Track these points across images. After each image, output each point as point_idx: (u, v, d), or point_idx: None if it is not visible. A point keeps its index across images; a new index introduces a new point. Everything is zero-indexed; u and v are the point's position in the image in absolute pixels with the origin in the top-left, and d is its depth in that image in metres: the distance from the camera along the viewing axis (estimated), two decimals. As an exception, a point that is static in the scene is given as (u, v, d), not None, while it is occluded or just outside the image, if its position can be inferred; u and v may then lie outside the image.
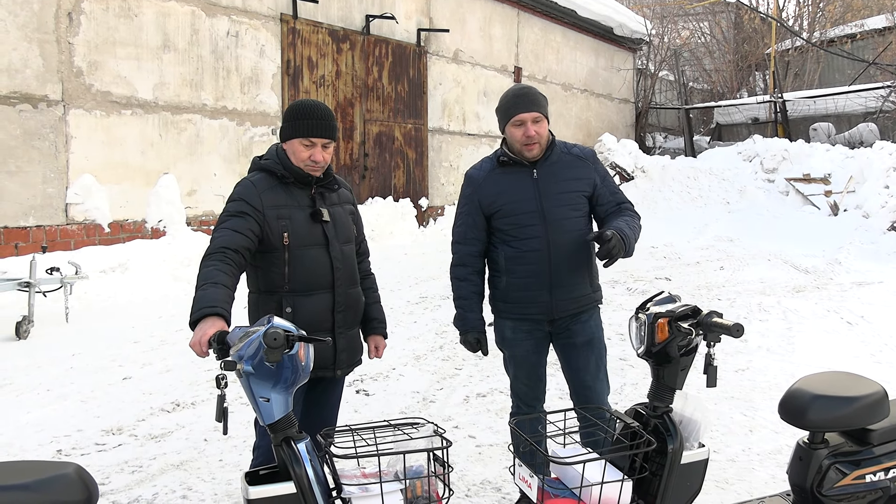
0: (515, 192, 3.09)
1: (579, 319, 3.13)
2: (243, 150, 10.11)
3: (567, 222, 3.07)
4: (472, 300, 3.20)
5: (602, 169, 3.24)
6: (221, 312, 2.28)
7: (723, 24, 25.33)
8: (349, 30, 11.89)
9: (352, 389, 5.04)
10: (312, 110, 2.77)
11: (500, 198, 3.10)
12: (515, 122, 3.05)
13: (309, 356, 2.01)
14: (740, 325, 2.15)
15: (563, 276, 3.06)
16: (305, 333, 2.02)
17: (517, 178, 3.10)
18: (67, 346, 6.01)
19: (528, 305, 3.10)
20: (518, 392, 3.25)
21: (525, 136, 3.02)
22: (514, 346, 3.19)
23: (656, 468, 2.29)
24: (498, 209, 3.11)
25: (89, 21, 8.40)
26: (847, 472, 2.44)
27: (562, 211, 3.06)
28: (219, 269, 2.46)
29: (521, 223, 3.07)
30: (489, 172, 3.17)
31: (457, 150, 14.40)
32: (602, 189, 3.17)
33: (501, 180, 3.12)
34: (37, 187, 7.99)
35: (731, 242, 12.20)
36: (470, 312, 3.20)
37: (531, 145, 3.04)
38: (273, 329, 1.90)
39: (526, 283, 3.08)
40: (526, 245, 3.06)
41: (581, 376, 3.14)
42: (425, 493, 2.09)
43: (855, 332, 6.66)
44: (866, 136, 16.75)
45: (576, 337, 3.13)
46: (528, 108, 3.02)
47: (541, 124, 3.04)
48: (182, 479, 3.74)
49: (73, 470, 1.77)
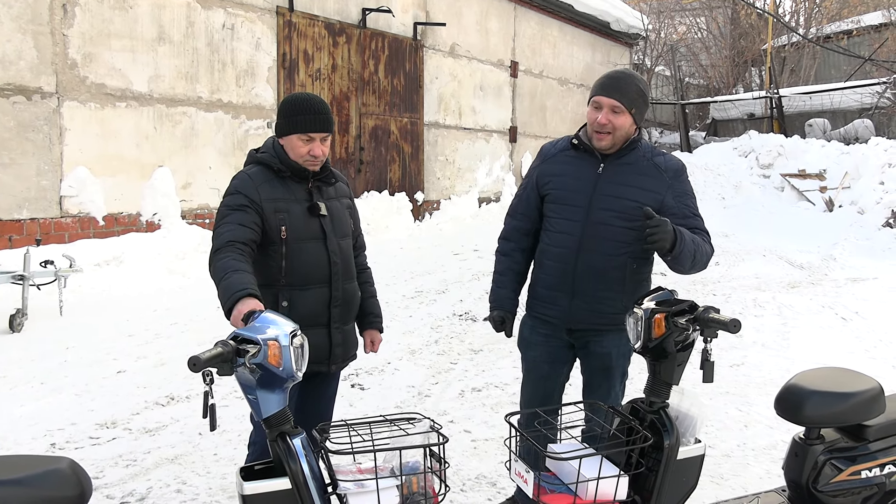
0: (572, 180, 2.86)
1: (600, 340, 2.87)
2: (239, 144, 10.07)
3: (609, 230, 2.78)
4: (507, 276, 3.01)
5: (682, 188, 2.86)
6: (253, 292, 2.28)
7: (719, 19, 25.31)
8: (345, 23, 11.85)
9: (347, 384, 5.04)
10: (309, 105, 2.74)
11: (555, 180, 2.90)
12: (594, 104, 2.83)
13: (287, 359, 1.95)
14: (737, 321, 2.14)
15: (588, 285, 2.81)
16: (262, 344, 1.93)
17: (582, 166, 2.87)
18: (61, 340, 5.99)
19: (548, 306, 2.91)
20: (524, 400, 3.08)
21: (596, 122, 2.80)
22: (529, 348, 3.03)
23: (652, 464, 2.29)
24: (549, 192, 2.91)
25: (84, 12, 8.34)
26: (843, 468, 2.44)
27: (609, 216, 2.78)
28: (235, 258, 2.46)
29: (563, 214, 2.86)
30: (560, 152, 2.97)
31: (453, 144, 14.37)
32: (673, 208, 2.80)
33: (566, 163, 2.92)
34: (31, 180, 7.94)
35: (726, 238, 12.22)
36: (502, 288, 3.00)
37: (601, 134, 2.80)
38: (191, 358, 1.82)
39: (550, 280, 2.90)
40: (558, 240, 2.86)
41: (589, 395, 2.98)
42: (421, 489, 2.08)
43: (849, 328, 6.68)
44: (862, 132, 16.77)
45: (593, 359, 2.92)
46: (611, 93, 2.77)
47: (619, 116, 2.77)
48: (176, 473, 3.73)
49: (67, 465, 1.76)
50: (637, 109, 2.81)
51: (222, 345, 1.90)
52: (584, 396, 3.01)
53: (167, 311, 7.00)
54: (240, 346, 1.93)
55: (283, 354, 1.94)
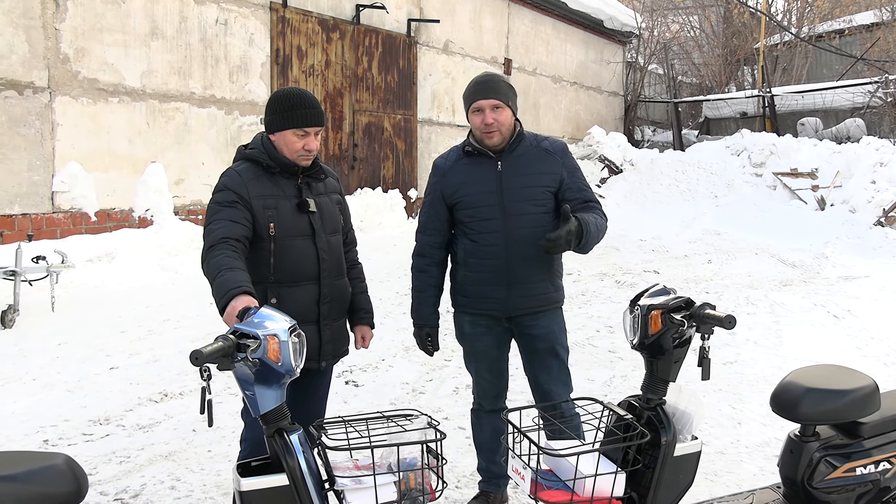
0: (477, 183, 3.04)
1: (539, 321, 3.07)
2: (231, 140, 10.03)
3: (527, 217, 3.00)
4: (427, 292, 3.18)
5: (571, 164, 3.15)
6: (248, 290, 2.29)
7: (712, 18, 25.36)
8: (339, 19, 11.82)
9: (341, 380, 5.03)
10: (303, 100, 2.74)
11: (461, 188, 3.06)
12: (474, 109, 3.01)
13: (287, 354, 1.95)
14: (732, 317, 2.15)
15: (521, 273, 3.01)
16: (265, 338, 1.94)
17: (481, 169, 3.06)
18: (54, 336, 5.96)
19: (485, 301, 3.07)
20: (481, 387, 3.23)
21: (483, 124, 2.98)
22: (474, 340, 3.16)
23: (649, 460, 2.30)
24: (459, 200, 3.07)
25: (76, 7, 8.30)
26: (838, 465, 2.45)
27: (522, 206, 3.01)
28: (228, 255, 2.46)
29: (480, 216, 3.03)
30: (455, 162, 3.13)
31: (446, 141, 14.36)
32: (569, 183, 3.08)
33: (465, 171, 3.08)
34: (22, 175, 7.89)
35: (718, 236, 12.25)
36: (424, 305, 3.17)
37: (490, 133, 2.99)
38: (193, 352, 1.83)
39: (482, 277, 3.05)
40: (484, 239, 3.02)
41: (541, 379, 3.13)
42: (419, 486, 2.08)
43: (841, 326, 6.71)
44: (853, 131, 16.85)
45: (537, 342, 3.09)
46: (487, 95, 2.97)
47: (500, 112, 2.98)
48: (170, 469, 3.72)
49: (63, 461, 1.75)
50: (512, 102, 3.04)
51: (223, 339, 1.90)
52: (533, 382, 3.16)
53: (160, 306, 6.98)
54: (240, 341, 1.92)
55: (283, 350, 1.95)
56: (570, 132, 18.43)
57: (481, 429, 3.27)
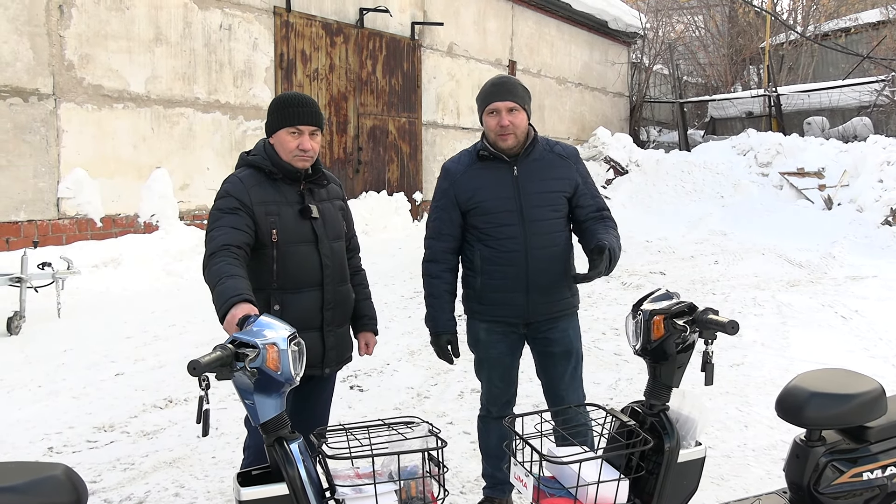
0: (494, 188, 2.99)
1: (557, 326, 3.06)
2: (236, 145, 10.05)
3: (546, 223, 2.99)
4: (443, 299, 3.10)
5: (584, 169, 3.15)
6: (248, 298, 2.29)
7: (717, 17, 25.27)
8: (343, 23, 11.83)
9: (346, 385, 5.02)
10: (295, 99, 2.76)
11: (477, 194, 3.01)
12: (490, 111, 2.97)
13: (286, 362, 1.94)
14: (735, 323, 2.13)
15: (541, 279, 2.98)
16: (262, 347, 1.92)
17: (496, 174, 3.02)
18: (59, 342, 5.97)
19: (504, 308, 3.03)
20: (492, 394, 3.20)
21: (498, 126, 2.94)
22: (489, 348, 3.13)
23: (653, 467, 2.28)
24: (475, 206, 3.01)
25: (80, 14, 8.32)
26: (844, 470, 2.42)
27: (541, 211, 2.99)
28: (229, 262, 2.46)
29: (498, 222, 2.98)
30: (468, 167, 3.07)
31: (451, 143, 14.35)
32: (584, 189, 3.08)
33: (480, 175, 3.03)
34: (28, 181, 7.92)
35: (725, 236, 12.20)
36: (441, 313, 3.10)
37: (505, 135, 2.95)
38: (191, 362, 1.81)
39: (502, 284, 3.00)
40: (503, 245, 2.98)
41: (556, 385, 3.12)
42: (420, 494, 2.07)
43: (849, 327, 6.66)
44: (860, 130, 16.76)
45: (553, 346, 3.07)
46: (503, 97, 2.94)
47: (516, 115, 2.95)
48: (175, 476, 3.71)
49: (62, 471, 1.75)
50: (528, 105, 3.02)
51: (221, 348, 1.89)
52: (548, 388, 3.16)
53: (165, 312, 6.98)
54: (238, 350, 1.91)
55: (282, 358, 1.93)
56: (576, 133, 18.40)
57: (489, 435, 3.25)
